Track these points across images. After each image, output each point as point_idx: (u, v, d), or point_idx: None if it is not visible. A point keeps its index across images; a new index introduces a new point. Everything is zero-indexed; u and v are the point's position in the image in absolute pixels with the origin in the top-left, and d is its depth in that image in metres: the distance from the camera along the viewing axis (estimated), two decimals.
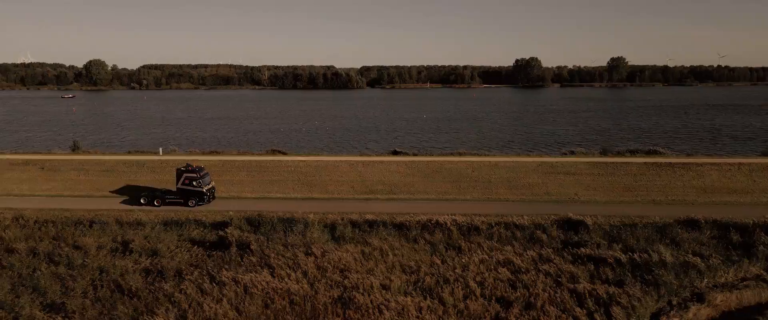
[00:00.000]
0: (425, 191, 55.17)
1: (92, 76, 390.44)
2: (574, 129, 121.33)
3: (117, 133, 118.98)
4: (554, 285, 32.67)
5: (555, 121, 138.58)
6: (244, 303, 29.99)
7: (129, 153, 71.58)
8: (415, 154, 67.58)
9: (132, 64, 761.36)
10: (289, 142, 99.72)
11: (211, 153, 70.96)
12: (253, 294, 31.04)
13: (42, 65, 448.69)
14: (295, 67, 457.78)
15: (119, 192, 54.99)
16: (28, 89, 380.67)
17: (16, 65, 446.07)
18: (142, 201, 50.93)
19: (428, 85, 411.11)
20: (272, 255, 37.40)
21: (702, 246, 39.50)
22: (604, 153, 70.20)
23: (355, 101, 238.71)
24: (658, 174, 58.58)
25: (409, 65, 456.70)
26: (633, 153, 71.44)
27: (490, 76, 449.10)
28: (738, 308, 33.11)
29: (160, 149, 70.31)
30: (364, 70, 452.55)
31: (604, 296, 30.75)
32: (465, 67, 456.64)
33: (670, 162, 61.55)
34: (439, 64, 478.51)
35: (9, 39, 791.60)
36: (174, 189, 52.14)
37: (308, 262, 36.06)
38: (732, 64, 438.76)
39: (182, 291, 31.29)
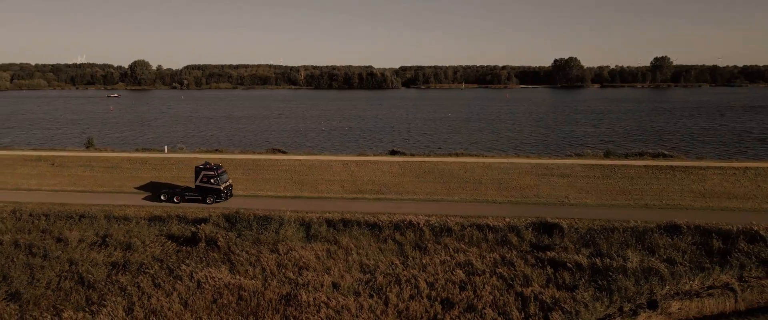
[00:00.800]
0: (414, 191, 55.22)
1: (137, 76, 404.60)
2: (594, 130, 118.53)
3: (141, 131, 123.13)
4: (505, 288, 32.32)
5: (577, 123, 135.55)
6: (193, 297, 30.88)
7: (137, 150, 74.09)
8: (412, 155, 67.52)
9: (177, 64, 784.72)
10: (301, 141, 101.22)
11: (214, 151, 72.80)
12: (204, 289, 31.90)
13: (91, 66, 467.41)
14: (333, 67, 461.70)
15: (143, 188, 56.71)
16: (77, 89, 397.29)
17: (68, 66, 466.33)
18: (162, 197, 52.30)
19: (463, 85, 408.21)
20: (237, 251, 38.35)
21: (678, 253, 38.42)
22: (607, 155, 68.46)
23: (385, 101, 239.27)
24: (656, 178, 56.89)
25: (446, 65, 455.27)
26: (640, 155, 69.44)
27: (528, 76, 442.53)
28: (697, 317, 32.08)
29: (166, 147, 72.52)
30: (401, 71, 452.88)
31: (549, 301, 30.24)
32: (502, 68, 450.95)
33: (672, 166, 59.58)
34: (478, 64, 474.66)
35: (65, 41, 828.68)
36: (193, 186, 53.45)
37: (270, 259, 36.76)
38: None
39: (137, 284, 32.46)
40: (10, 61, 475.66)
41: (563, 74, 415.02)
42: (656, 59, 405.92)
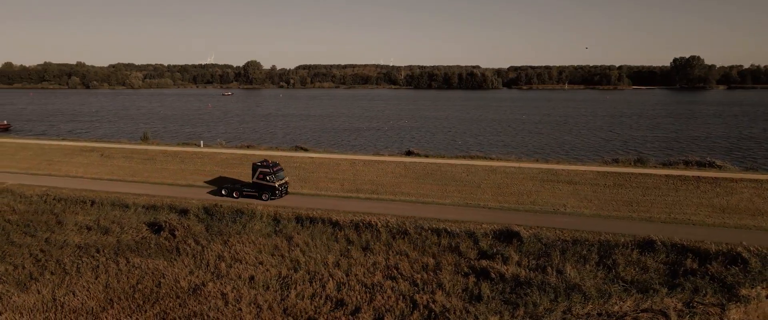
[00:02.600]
0: (408, 193, 54.79)
1: (249, 76, 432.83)
2: (660, 135, 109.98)
3: (213, 126, 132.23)
4: (407, 293, 31.55)
5: (654, 127, 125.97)
6: (116, 281, 33.51)
7: (179, 144, 80.00)
8: (426, 156, 66.56)
9: (290, 64, 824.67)
10: (342, 138, 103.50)
11: (242, 147, 76.62)
12: (132, 274, 34.45)
13: (214, 66, 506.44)
14: (437, 67, 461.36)
15: (211, 183, 59.77)
16: (197, 87, 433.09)
17: (194, 66, 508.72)
18: (223, 192, 54.03)
19: (566, 86, 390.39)
20: (189, 242, 40.69)
21: (639, 271, 35.22)
22: (639, 162, 62.91)
23: (472, 102, 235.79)
24: (675, 189, 51.67)
25: (556, 65, 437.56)
26: (686, 164, 63.14)
27: (643, 77, 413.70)
28: None
29: (201, 142, 77.67)
30: (503, 71, 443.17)
31: (439, 309, 29.17)
32: (617, 67, 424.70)
33: (699, 176, 53.64)
34: (591, 64, 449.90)
35: (198, 44, 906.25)
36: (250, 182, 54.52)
37: (213, 251, 38.63)
38: None
39: (76, 265, 35.81)
40: (147, 62, 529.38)
41: (683, 74, 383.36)
42: None
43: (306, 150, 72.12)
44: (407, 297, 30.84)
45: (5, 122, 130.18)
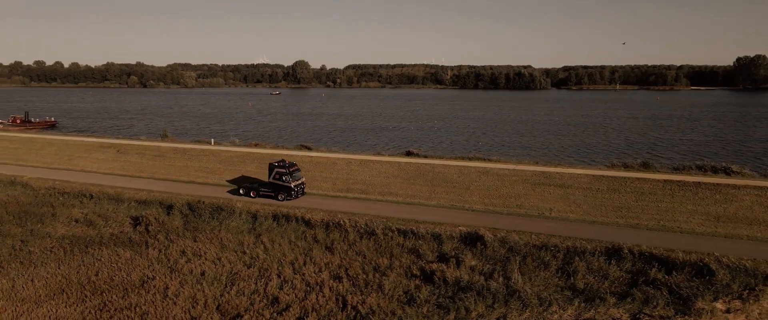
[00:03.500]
0: (396, 193, 54.60)
1: (297, 75, 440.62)
2: (683, 137, 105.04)
3: (241, 124, 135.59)
4: (344, 293, 31.48)
5: (674, 129, 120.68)
6: (76, 272, 35.00)
7: (193, 142, 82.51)
8: (425, 157, 66.00)
9: (340, 63, 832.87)
10: (359, 139, 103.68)
11: (250, 145, 78.14)
12: (92, 267, 35.89)
13: (265, 66, 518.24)
14: (484, 67, 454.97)
15: (233, 182, 60.45)
16: (247, 86, 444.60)
17: (246, 66, 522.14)
18: (240, 191, 54.03)
19: (617, 86, 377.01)
20: (158, 235, 42.01)
21: (599, 279, 34.00)
22: (644, 165, 60.22)
23: (514, 102, 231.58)
24: (671, 195, 49.23)
25: (611, 65, 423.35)
26: (699, 168, 60.17)
27: (703, 77, 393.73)
28: None
29: (212, 140, 79.75)
30: (554, 71, 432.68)
31: (366, 310, 29.00)
32: (671, 67, 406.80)
33: (699, 182, 50.84)
34: (649, 64, 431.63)
35: (249, 43, 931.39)
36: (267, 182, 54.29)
37: (178, 247, 39.72)
38: None
39: (44, 256, 37.66)
40: (202, 62, 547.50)
41: (747, 75, 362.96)
42: None
43: (309, 148, 72.95)
44: (341, 297, 30.78)
45: (52, 119, 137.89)
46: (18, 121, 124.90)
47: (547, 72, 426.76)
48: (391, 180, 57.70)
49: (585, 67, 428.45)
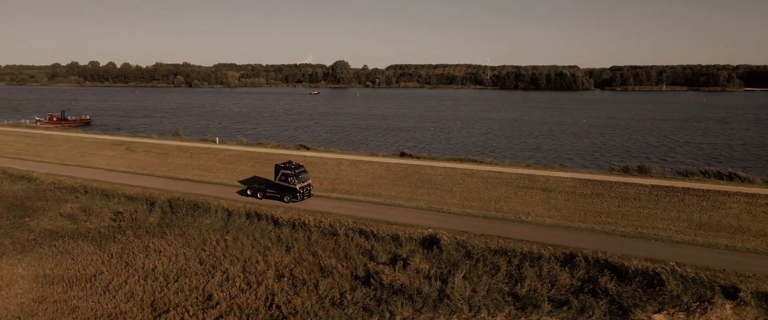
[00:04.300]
0: (379, 194, 54.44)
1: (337, 75, 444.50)
2: (706, 140, 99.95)
3: (261, 123, 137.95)
4: (278, 292, 31.76)
5: (703, 132, 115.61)
6: (36, 264, 36.59)
7: (199, 140, 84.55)
8: (417, 158, 65.49)
9: (382, 64, 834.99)
10: (366, 139, 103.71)
11: (252, 144, 79.44)
12: (52, 259, 37.45)
13: (307, 66, 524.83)
14: (525, 68, 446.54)
15: (244, 182, 60.19)
16: (287, 86, 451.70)
17: (288, 66, 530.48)
18: (248, 193, 53.57)
19: (664, 87, 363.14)
20: (126, 231, 43.39)
21: (546, 285, 33.19)
22: (639, 170, 57.93)
23: (550, 103, 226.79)
24: (655, 201, 47.27)
25: (660, 65, 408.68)
26: (703, 174, 57.62)
27: (761, 77, 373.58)
28: None
29: (217, 138, 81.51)
30: (597, 72, 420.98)
31: (289, 310, 29.18)
32: (727, 67, 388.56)
33: (688, 188, 48.57)
34: (702, 64, 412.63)
35: (295, 44, 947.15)
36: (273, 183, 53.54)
37: (142, 242, 40.97)
38: None
39: (21, 244, 39.55)
40: (247, 62, 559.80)
41: None
42: None
43: (308, 148, 73.59)
44: (271, 296, 31.06)
45: (87, 117, 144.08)
46: (54, 119, 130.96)
47: (590, 72, 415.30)
48: (376, 181, 57.61)
49: (633, 67, 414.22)
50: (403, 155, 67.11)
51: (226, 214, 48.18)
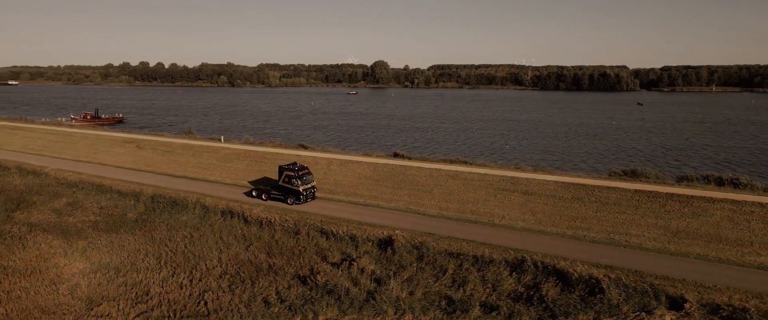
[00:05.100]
0: (360, 195, 54.46)
1: (376, 75, 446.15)
2: (727, 144, 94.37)
3: (281, 123, 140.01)
4: (208, 289, 32.32)
5: (725, 134, 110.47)
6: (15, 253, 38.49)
7: (206, 139, 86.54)
8: (409, 158, 65.00)
9: (424, 64, 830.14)
10: (370, 139, 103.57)
11: (255, 143, 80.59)
12: (17, 251, 39.19)
13: (347, 65, 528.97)
14: (580, 67, 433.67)
15: (254, 182, 60.89)
16: (327, 86, 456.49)
17: (330, 66, 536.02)
18: (253, 194, 53.27)
19: (714, 88, 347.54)
20: (99, 225, 44.95)
21: (488, 289, 32.71)
22: (632, 174, 55.79)
23: (585, 104, 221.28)
24: (635, 207, 45.52)
25: (714, 65, 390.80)
26: (682, 180, 55.22)
27: None
28: None
29: (222, 137, 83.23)
30: (644, 72, 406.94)
31: (204, 310, 29.70)
32: None
33: (672, 193, 46.48)
34: (761, 64, 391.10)
35: (338, 44, 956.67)
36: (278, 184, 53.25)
37: (108, 237, 42.37)
38: None
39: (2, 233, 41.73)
40: (289, 62, 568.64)
41: None
42: None
43: (305, 147, 74.23)
44: (202, 292, 31.61)
45: (120, 115, 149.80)
46: (88, 117, 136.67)
47: (636, 72, 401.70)
48: (360, 182, 57.62)
49: (685, 67, 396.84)
50: (396, 156, 66.83)
51: (203, 211, 49.23)
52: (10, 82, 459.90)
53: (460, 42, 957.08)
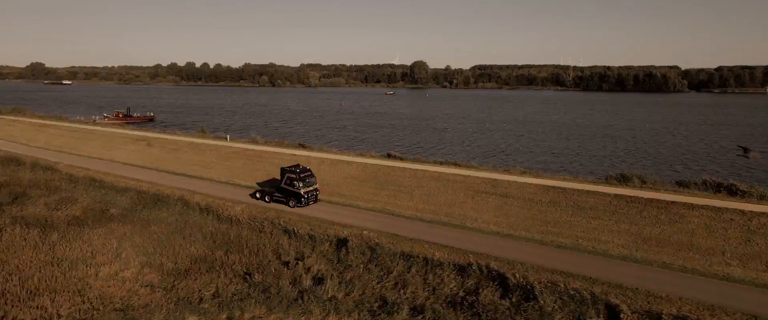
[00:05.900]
0: (341, 194, 54.59)
1: (414, 75, 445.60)
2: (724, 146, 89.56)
3: (300, 122, 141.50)
4: (157, 286, 33.10)
5: (751, 138, 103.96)
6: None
7: (215, 137, 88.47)
8: (401, 159, 64.52)
9: (467, 64, 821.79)
10: (376, 139, 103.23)
11: (259, 142, 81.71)
12: (5, 244, 41.15)
13: (387, 66, 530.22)
14: (628, 67, 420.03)
15: (260, 184, 60.90)
16: (365, 86, 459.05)
17: (370, 66, 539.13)
18: (257, 195, 52.72)
19: (766, 89, 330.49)
20: (85, 220, 46.66)
21: (428, 292, 32.52)
22: (623, 178, 53.59)
23: (622, 106, 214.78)
24: (611, 212, 43.92)
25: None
26: (681, 185, 52.76)
27: None
28: None
29: (228, 136, 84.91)
30: (693, 72, 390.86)
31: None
32: None
33: (651, 199, 44.59)
34: None
35: (382, 44, 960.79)
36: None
37: (86, 232, 43.90)
38: None
39: None
40: (330, 62, 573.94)
41: None
42: None
43: (305, 147, 74.89)
44: (152, 288, 32.41)
45: (151, 114, 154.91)
46: (120, 116, 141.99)
47: (685, 73, 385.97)
48: (345, 182, 57.73)
49: (739, 67, 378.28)
50: (389, 156, 66.61)
51: (183, 208, 50.39)
52: (64, 82, 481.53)
53: (506, 43, 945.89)
